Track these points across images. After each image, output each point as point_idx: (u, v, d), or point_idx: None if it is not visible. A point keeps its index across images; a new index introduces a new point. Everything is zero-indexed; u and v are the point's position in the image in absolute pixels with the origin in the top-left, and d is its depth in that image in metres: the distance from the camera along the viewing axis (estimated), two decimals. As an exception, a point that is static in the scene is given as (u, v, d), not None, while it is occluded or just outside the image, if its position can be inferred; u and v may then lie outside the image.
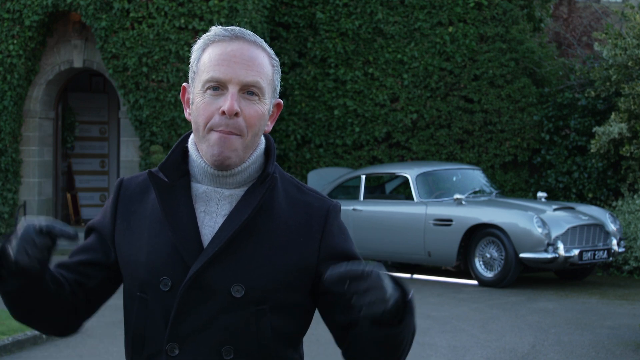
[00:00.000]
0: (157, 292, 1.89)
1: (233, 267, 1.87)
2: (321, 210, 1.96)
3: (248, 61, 1.87)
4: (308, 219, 1.94)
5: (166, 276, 1.88)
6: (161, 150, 14.20)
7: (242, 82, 1.86)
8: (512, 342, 7.98)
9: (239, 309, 1.87)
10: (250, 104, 1.87)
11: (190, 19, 14.28)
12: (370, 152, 15.31)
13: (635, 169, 13.31)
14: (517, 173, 14.93)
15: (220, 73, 1.86)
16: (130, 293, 1.95)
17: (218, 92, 1.87)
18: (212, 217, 1.91)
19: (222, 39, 1.90)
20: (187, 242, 1.88)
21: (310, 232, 1.93)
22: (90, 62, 15.65)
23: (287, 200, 1.95)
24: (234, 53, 1.87)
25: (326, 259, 1.93)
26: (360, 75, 15.33)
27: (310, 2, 15.52)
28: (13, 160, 15.49)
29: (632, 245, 12.31)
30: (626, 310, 9.63)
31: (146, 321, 1.90)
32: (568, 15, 18.78)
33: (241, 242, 1.88)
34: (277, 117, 1.98)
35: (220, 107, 1.85)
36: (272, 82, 1.92)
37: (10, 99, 15.23)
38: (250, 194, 1.91)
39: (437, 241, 11.63)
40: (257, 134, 1.90)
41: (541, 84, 15.25)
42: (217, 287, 1.86)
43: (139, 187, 1.98)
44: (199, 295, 1.86)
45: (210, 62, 1.88)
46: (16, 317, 2.01)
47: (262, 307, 1.88)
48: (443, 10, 15.09)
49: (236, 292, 1.86)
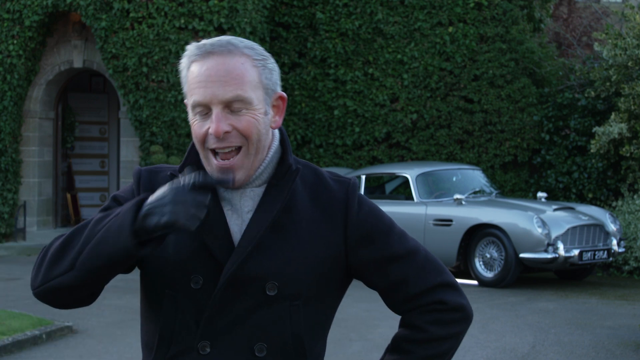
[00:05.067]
0: (188, 290, 1.87)
1: (265, 264, 1.87)
2: (341, 195, 1.95)
3: (224, 77, 1.84)
4: (329, 205, 1.94)
5: (197, 274, 1.87)
6: (161, 150, 14.19)
7: (222, 101, 1.84)
8: (512, 342, 7.97)
9: (272, 306, 1.87)
10: (239, 117, 1.85)
11: (190, 19, 14.28)
12: (370, 152, 15.31)
13: (635, 169, 13.31)
14: (517, 173, 14.93)
15: (200, 96, 1.85)
16: (156, 289, 1.92)
17: (205, 115, 1.86)
18: (238, 215, 1.91)
19: (197, 58, 1.89)
20: (217, 240, 1.88)
21: (333, 219, 1.93)
22: (90, 62, 15.65)
23: (306, 189, 1.95)
24: (208, 72, 1.85)
25: (356, 243, 1.93)
26: (360, 75, 15.33)
27: (310, 2, 15.52)
28: (13, 160, 15.49)
29: (632, 245, 12.31)
30: (626, 310, 9.63)
31: (175, 319, 1.89)
32: (568, 15, 18.79)
33: (270, 239, 1.88)
34: (284, 108, 1.96)
35: (208, 129, 1.85)
36: (261, 83, 1.88)
37: (10, 99, 15.23)
38: (273, 188, 1.91)
39: (437, 241, 11.63)
40: (259, 139, 1.88)
41: (541, 84, 15.25)
42: (251, 285, 1.86)
43: (164, 180, 1.94)
44: (232, 293, 1.86)
45: (191, 84, 1.87)
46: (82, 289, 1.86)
47: (295, 303, 1.88)
48: (443, 11, 15.10)
49: (270, 290, 1.86)
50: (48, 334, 8.15)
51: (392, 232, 1.98)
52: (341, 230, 1.93)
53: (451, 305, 1.94)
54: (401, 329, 1.98)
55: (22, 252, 14.81)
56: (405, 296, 1.95)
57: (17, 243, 15.42)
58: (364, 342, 8.02)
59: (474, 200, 12.00)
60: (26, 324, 8.25)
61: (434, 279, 1.95)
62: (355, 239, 1.93)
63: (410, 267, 1.95)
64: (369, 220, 1.96)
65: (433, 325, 1.93)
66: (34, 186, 15.77)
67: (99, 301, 7.98)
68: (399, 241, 1.98)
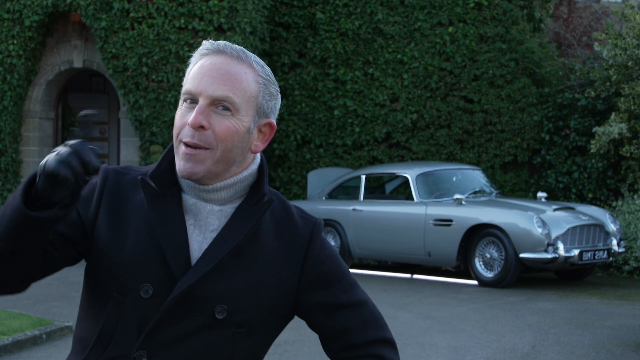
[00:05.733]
0: (136, 297, 1.85)
1: (220, 287, 1.86)
2: (305, 233, 1.95)
3: (223, 75, 1.84)
4: (292, 241, 1.94)
5: (148, 282, 1.85)
6: (161, 150, 14.20)
7: (211, 96, 1.83)
8: (512, 342, 7.97)
9: (217, 329, 1.86)
10: (221, 118, 1.83)
11: (190, 19, 14.28)
12: (370, 152, 15.31)
13: (635, 169, 13.31)
14: (517, 173, 14.93)
15: (192, 86, 1.85)
16: (103, 290, 1.89)
17: (192, 105, 1.85)
18: (200, 232, 1.89)
19: (207, 53, 1.88)
20: (176, 252, 1.86)
21: (292, 256, 1.93)
22: (90, 62, 15.65)
23: (272, 220, 1.94)
24: (210, 67, 1.85)
25: (309, 284, 1.95)
26: (360, 75, 15.33)
27: (310, 2, 15.53)
28: (13, 160, 15.50)
29: (632, 245, 12.31)
30: (626, 311, 9.63)
31: (117, 323, 1.86)
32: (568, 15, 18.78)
33: (229, 264, 1.87)
34: (269, 138, 1.94)
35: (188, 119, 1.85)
36: (255, 100, 1.87)
37: (10, 99, 15.24)
38: (242, 212, 1.89)
39: (437, 241, 11.63)
40: (231, 149, 1.84)
41: (541, 84, 15.25)
42: (202, 305, 1.85)
43: (130, 183, 1.93)
44: (181, 309, 1.84)
45: (191, 75, 1.87)
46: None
47: (240, 330, 1.88)
48: (443, 11, 15.10)
49: (219, 313, 1.86)
50: (48, 334, 8.15)
51: (346, 280, 1.99)
52: (298, 268, 1.93)
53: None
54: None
55: (22, 252, 14.81)
56: (345, 345, 1.97)
57: (17, 243, 15.42)
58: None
59: (474, 200, 12.00)
60: (26, 324, 8.25)
61: (376, 334, 1.99)
62: (309, 280, 1.94)
63: (356, 318, 1.97)
64: (326, 263, 1.96)
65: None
66: (34, 186, 15.76)
67: (99, 301, 7.77)
68: (350, 290, 1.99)
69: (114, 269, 1.87)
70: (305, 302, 1.96)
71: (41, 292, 10.65)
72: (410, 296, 10.57)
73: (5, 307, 9.17)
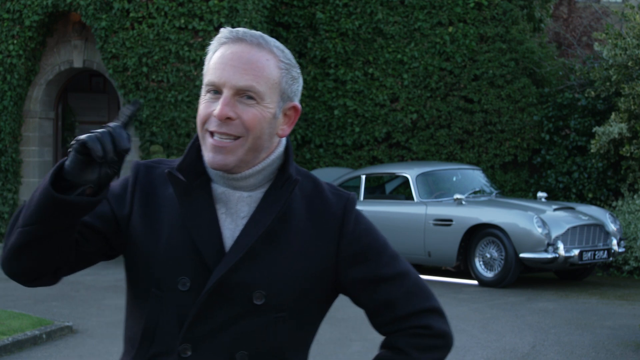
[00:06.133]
0: (174, 291, 1.86)
1: (255, 273, 1.85)
2: (338, 209, 1.93)
3: (245, 64, 1.83)
4: (325, 219, 1.92)
5: (185, 276, 1.86)
6: (161, 150, 14.19)
7: (235, 87, 1.83)
8: (512, 342, 7.97)
9: (258, 315, 1.86)
10: (247, 107, 1.83)
11: (190, 19, 14.28)
12: (370, 152, 15.31)
13: (635, 169, 13.31)
14: (517, 173, 14.93)
15: (215, 77, 1.84)
16: (142, 287, 1.90)
17: (216, 96, 1.85)
18: (232, 219, 1.89)
19: (226, 41, 1.87)
20: (208, 243, 1.86)
21: (327, 233, 1.91)
22: (90, 62, 15.65)
23: (304, 200, 1.93)
24: (232, 56, 1.84)
25: (347, 260, 1.92)
26: (360, 75, 15.34)
27: (310, 2, 15.53)
28: (13, 160, 15.50)
29: (632, 245, 12.31)
30: (626, 311, 9.63)
31: (159, 319, 1.87)
32: (568, 15, 18.78)
33: (262, 248, 1.86)
34: (295, 120, 1.95)
35: (213, 110, 1.84)
36: (279, 85, 1.86)
37: (10, 99, 15.23)
38: (270, 196, 1.89)
39: (437, 241, 11.63)
40: (261, 136, 1.86)
41: (541, 84, 15.25)
42: (239, 292, 1.85)
43: (161, 176, 1.94)
44: (219, 299, 1.85)
45: (212, 65, 1.86)
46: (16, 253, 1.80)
47: (281, 315, 1.87)
48: (443, 10, 15.10)
49: (257, 299, 1.85)
50: (48, 334, 8.15)
51: (385, 253, 1.96)
52: (334, 245, 1.91)
53: (435, 331, 1.94)
54: (383, 350, 1.96)
55: (22, 252, 14.81)
56: (390, 318, 1.94)
57: (17, 243, 15.42)
58: (364, 342, 8.02)
59: (474, 200, 12.00)
60: (26, 324, 8.25)
61: (422, 304, 1.95)
62: (346, 255, 1.92)
63: (399, 290, 1.94)
64: (363, 238, 1.94)
65: (415, 350, 1.92)
66: (34, 186, 15.77)
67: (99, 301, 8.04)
68: (391, 263, 1.95)
69: (150, 265, 1.88)
70: (345, 279, 1.93)
71: (41, 292, 10.65)
72: (410, 296, 10.56)
73: (5, 307, 9.18)
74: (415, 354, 1.93)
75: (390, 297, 1.93)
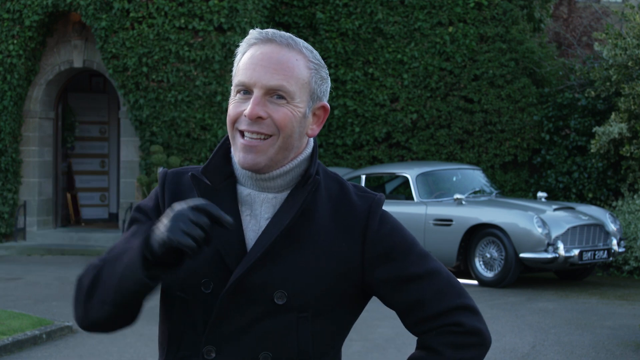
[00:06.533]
0: (199, 294, 1.87)
1: (276, 273, 1.85)
2: (362, 210, 1.92)
3: (275, 64, 1.84)
4: (350, 220, 1.91)
5: (207, 278, 1.86)
6: (161, 150, 14.19)
7: (266, 86, 1.83)
8: (512, 342, 7.97)
9: (280, 315, 1.85)
10: (278, 107, 1.84)
11: (190, 19, 14.28)
12: (370, 152, 15.31)
13: (635, 169, 13.31)
14: (517, 173, 14.93)
15: (245, 77, 1.85)
16: (168, 291, 1.91)
17: (246, 96, 1.86)
18: (256, 221, 1.90)
19: (256, 42, 1.88)
20: (230, 245, 1.87)
21: (352, 234, 1.90)
22: (90, 62, 15.65)
23: (329, 201, 1.93)
24: (262, 57, 1.85)
25: (373, 261, 1.90)
26: (360, 75, 15.34)
27: (310, 2, 15.53)
28: (13, 160, 15.50)
29: (632, 245, 12.31)
30: (626, 310, 9.63)
31: (185, 322, 1.89)
32: (568, 15, 18.78)
33: (284, 248, 1.86)
34: (324, 120, 1.95)
35: (244, 110, 1.85)
36: (308, 85, 1.87)
37: (10, 99, 15.23)
38: (292, 197, 1.89)
39: (437, 241, 11.63)
40: (291, 135, 1.86)
41: (541, 84, 15.25)
42: (260, 292, 1.85)
43: (189, 181, 1.94)
44: (240, 299, 1.85)
45: (242, 65, 1.87)
46: (119, 321, 1.89)
47: (303, 315, 1.86)
48: (443, 10, 15.10)
49: (278, 299, 1.85)
50: (48, 334, 8.15)
51: (412, 252, 1.94)
52: (359, 245, 1.90)
53: (467, 328, 1.90)
54: (417, 351, 1.95)
55: (22, 252, 14.81)
56: (421, 317, 1.91)
57: (17, 243, 15.42)
58: (364, 342, 8.02)
59: (474, 200, 12.00)
60: (26, 324, 8.25)
61: (453, 301, 1.92)
62: (372, 256, 1.90)
63: (429, 288, 1.91)
64: (388, 238, 1.92)
65: (448, 348, 1.89)
66: (34, 186, 15.77)
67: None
68: (419, 261, 1.93)
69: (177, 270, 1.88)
70: (373, 280, 1.91)
71: (41, 292, 10.65)
72: (410, 296, 10.56)
73: (5, 307, 9.18)
74: (448, 353, 1.89)
75: (420, 296, 1.91)
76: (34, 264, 13.49)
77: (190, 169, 1.98)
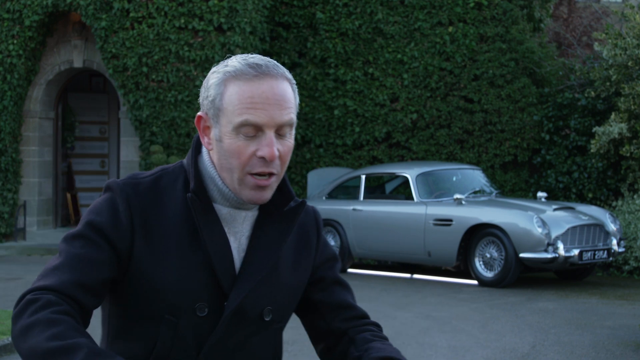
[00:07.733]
0: (192, 317, 1.85)
1: (264, 293, 1.92)
2: (312, 219, 2.05)
3: (280, 100, 1.81)
4: (307, 232, 2.03)
5: (203, 301, 1.85)
6: (161, 150, 14.20)
7: (278, 124, 1.81)
8: (512, 342, 7.97)
9: (265, 329, 1.94)
10: (284, 141, 1.84)
11: (190, 18, 14.28)
12: (370, 152, 15.31)
13: (635, 169, 13.31)
14: (517, 173, 14.93)
15: (256, 117, 1.79)
16: (150, 312, 1.85)
17: (253, 136, 1.81)
18: (235, 239, 1.91)
19: (247, 76, 1.81)
20: (224, 268, 1.87)
21: (310, 246, 2.03)
22: (90, 62, 15.65)
23: None
24: (266, 95, 1.80)
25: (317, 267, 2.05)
26: (360, 75, 15.33)
27: (310, 2, 15.52)
28: (13, 160, 15.50)
29: (632, 245, 12.31)
30: (626, 310, 9.63)
31: (173, 343, 1.85)
32: (568, 15, 18.78)
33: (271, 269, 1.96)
34: None
35: (255, 151, 1.81)
36: (297, 108, 1.87)
37: (10, 99, 15.24)
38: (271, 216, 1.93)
39: (437, 241, 11.63)
40: (287, 164, 1.88)
41: (541, 84, 15.25)
42: (251, 313, 1.90)
43: (148, 197, 1.86)
44: (234, 321, 1.89)
45: (241, 103, 1.80)
46: None
47: (280, 325, 1.99)
48: (443, 10, 15.10)
49: (266, 315, 1.92)
50: (48, 334, 8.13)
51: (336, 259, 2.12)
52: (314, 254, 2.04)
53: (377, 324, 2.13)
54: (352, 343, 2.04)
55: (22, 252, 14.81)
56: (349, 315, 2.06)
57: (17, 243, 15.43)
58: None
59: (474, 200, 12.00)
60: (26, 323, 8.23)
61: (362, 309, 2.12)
62: (318, 263, 2.05)
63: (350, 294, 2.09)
64: (327, 245, 2.09)
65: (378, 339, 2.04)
66: (34, 186, 15.77)
67: (99, 301, 7.77)
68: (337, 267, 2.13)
69: (161, 292, 1.83)
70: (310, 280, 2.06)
71: (41, 292, 10.63)
72: (410, 296, 10.56)
73: (5, 307, 9.17)
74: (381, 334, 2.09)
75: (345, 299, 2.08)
76: (34, 264, 13.49)
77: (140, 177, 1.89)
